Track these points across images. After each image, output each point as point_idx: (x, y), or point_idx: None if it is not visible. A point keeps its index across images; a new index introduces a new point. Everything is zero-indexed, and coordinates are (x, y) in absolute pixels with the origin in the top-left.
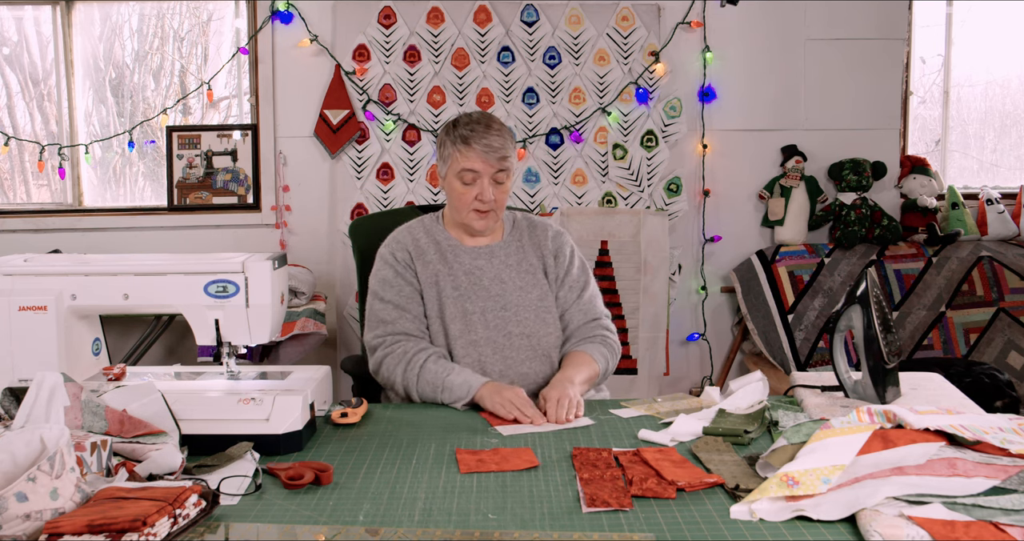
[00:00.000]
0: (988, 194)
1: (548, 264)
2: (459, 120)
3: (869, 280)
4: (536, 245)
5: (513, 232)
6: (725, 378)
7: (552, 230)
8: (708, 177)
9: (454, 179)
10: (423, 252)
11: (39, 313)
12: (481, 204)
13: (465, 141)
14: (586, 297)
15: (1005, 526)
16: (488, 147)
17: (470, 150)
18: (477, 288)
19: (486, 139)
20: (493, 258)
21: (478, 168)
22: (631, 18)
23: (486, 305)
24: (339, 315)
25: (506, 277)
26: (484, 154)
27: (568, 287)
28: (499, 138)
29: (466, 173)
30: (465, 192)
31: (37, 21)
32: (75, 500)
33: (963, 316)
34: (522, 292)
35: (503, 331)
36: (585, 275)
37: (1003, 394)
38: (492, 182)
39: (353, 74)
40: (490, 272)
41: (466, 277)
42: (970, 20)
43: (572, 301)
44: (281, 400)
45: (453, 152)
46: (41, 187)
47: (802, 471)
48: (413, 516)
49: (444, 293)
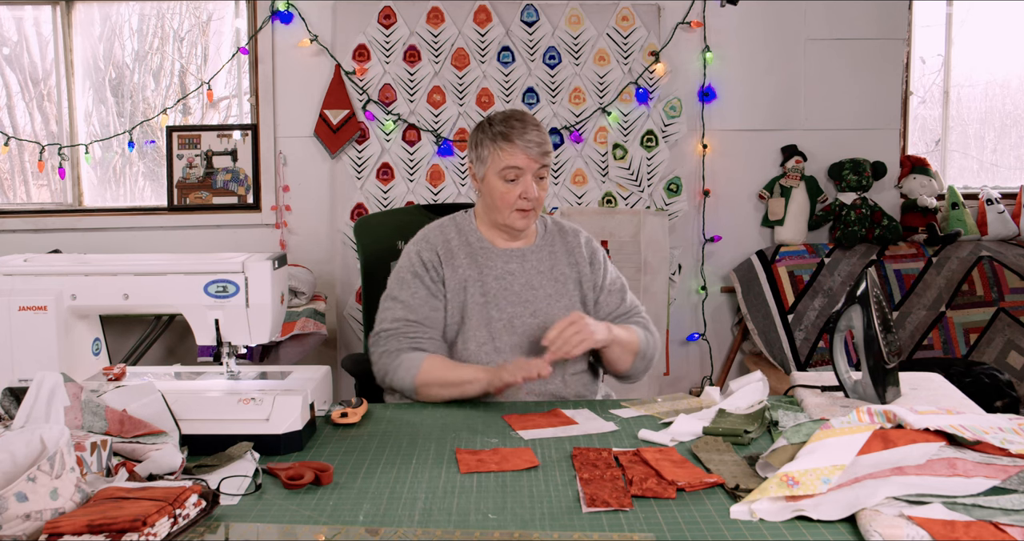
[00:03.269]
0: (988, 194)
1: (583, 272)
2: (493, 118)
3: (869, 280)
4: (568, 251)
5: (546, 236)
6: (725, 378)
7: (583, 236)
8: (708, 177)
9: (495, 178)
10: (453, 255)
11: (39, 313)
12: (525, 202)
13: (506, 138)
14: (628, 301)
15: (1005, 526)
16: (530, 142)
17: (512, 146)
18: (508, 293)
19: (527, 134)
20: (525, 262)
21: (522, 164)
22: (631, 18)
23: (515, 311)
24: (339, 315)
25: (537, 283)
26: (527, 149)
27: (608, 291)
28: (538, 133)
29: (509, 170)
30: (509, 191)
31: (37, 21)
32: (75, 500)
33: (963, 316)
34: (551, 300)
35: (529, 338)
36: (620, 279)
37: (1003, 394)
38: (535, 178)
39: (353, 74)
40: (521, 277)
41: (496, 282)
42: (970, 20)
43: (615, 306)
44: (281, 400)
45: (494, 150)
46: (41, 187)
47: (802, 471)
48: (413, 516)
49: (472, 299)
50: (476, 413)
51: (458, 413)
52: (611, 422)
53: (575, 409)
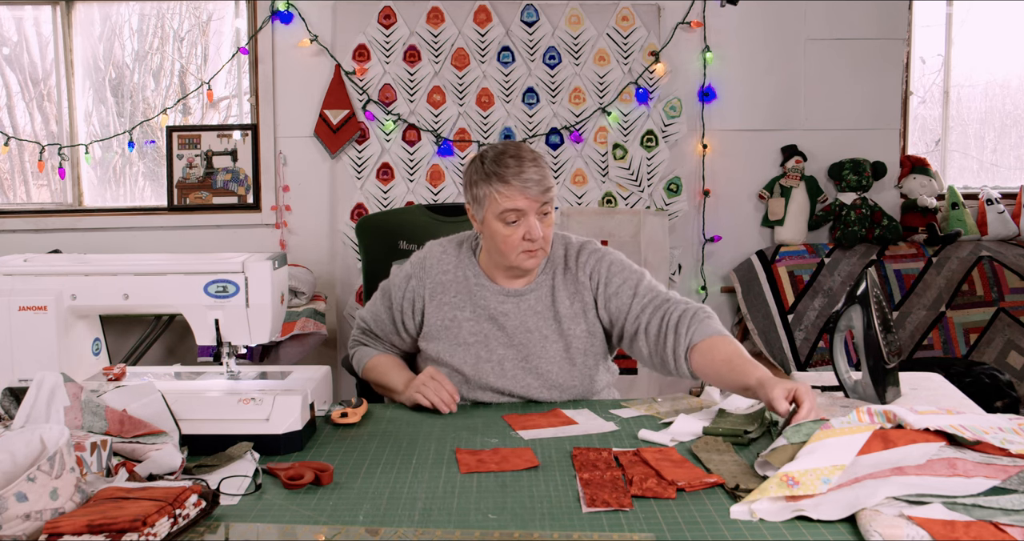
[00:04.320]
0: (988, 194)
1: (598, 297)
2: (485, 155)
3: (869, 280)
4: (573, 281)
5: (546, 269)
6: None
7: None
8: (708, 177)
9: (495, 221)
10: (443, 290)
11: (39, 313)
12: (531, 244)
13: (501, 179)
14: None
15: (1005, 526)
16: (528, 181)
17: (509, 188)
18: (500, 335)
19: (524, 173)
20: (522, 302)
21: (522, 206)
22: (631, 18)
23: (506, 354)
24: (339, 315)
25: (532, 325)
26: (525, 190)
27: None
28: (536, 168)
29: (509, 213)
30: (511, 233)
31: (37, 21)
32: (75, 500)
33: (963, 316)
34: (546, 342)
35: (521, 383)
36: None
37: (1003, 394)
38: (538, 216)
39: (353, 74)
40: (515, 318)
41: (489, 323)
42: (970, 20)
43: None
44: (281, 400)
45: (490, 192)
46: (41, 187)
47: (802, 471)
48: (413, 516)
49: (460, 337)
50: (476, 413)
51: (458, 413)
52: (611, 422)
53: (575, 409)
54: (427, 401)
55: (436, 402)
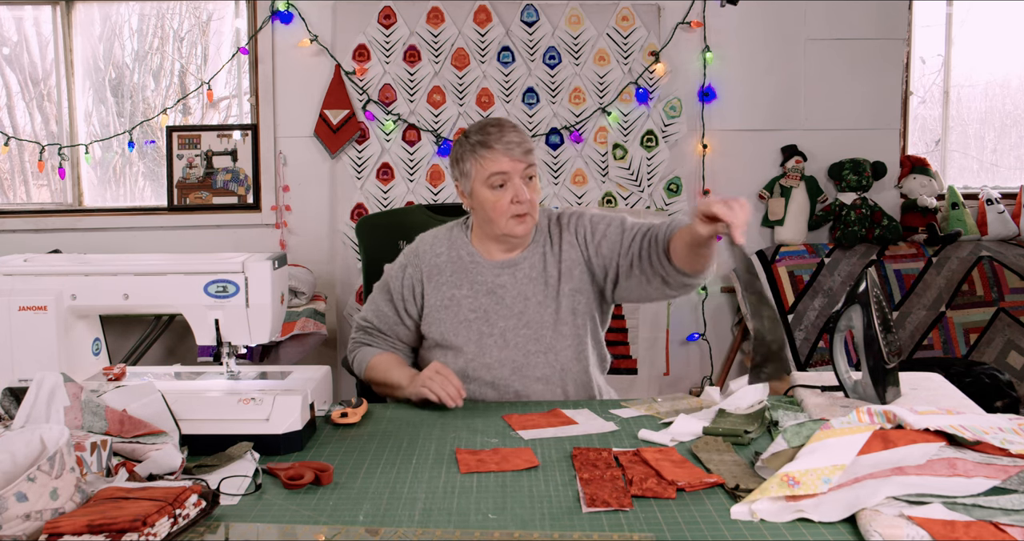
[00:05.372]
0: (988, 194)
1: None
2: (469, 130)
3: (869, 280)
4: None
5: (536, 239)
6: (725, 378)
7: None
8: (708, 177)
9: (483, 188)
10: (440, 272)
11: (39, 313)
12: (519, 206)
13: (485, 145)
14: (628, 225)
15: (1005, 526)
16: (510, 143)
17: (493, 152)
18: (499, 307)
19: (505, 137)
20: (517, 272)
21: (507, 168)
22: (631, 18)
23: (507, 325)
24: (339, 315)
25: (529, 292)
26: (509, 151)
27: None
28: (517, 134)
29: (495, 177)
30: (499, 199)
31: (37, 21)
32: (75, 500)
33: (963, 316)
34: (542, 307)
35: (523, 350)
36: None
37: (1003, 394)
38: (524, 180)
39: (353, 74)
40: (513, 289)
41: (487, 297)
42: (970, 20)
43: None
44: (281, 400)
45: (475, 160)
46: (41, 187)
47: (803, 471)
48: (413, 516)
49: (460, 315)
50: (476, 413)
51: (458, 413)
52: (611, 422)
53: (575, 409)
54: (433, 395)
55: (443, 396)
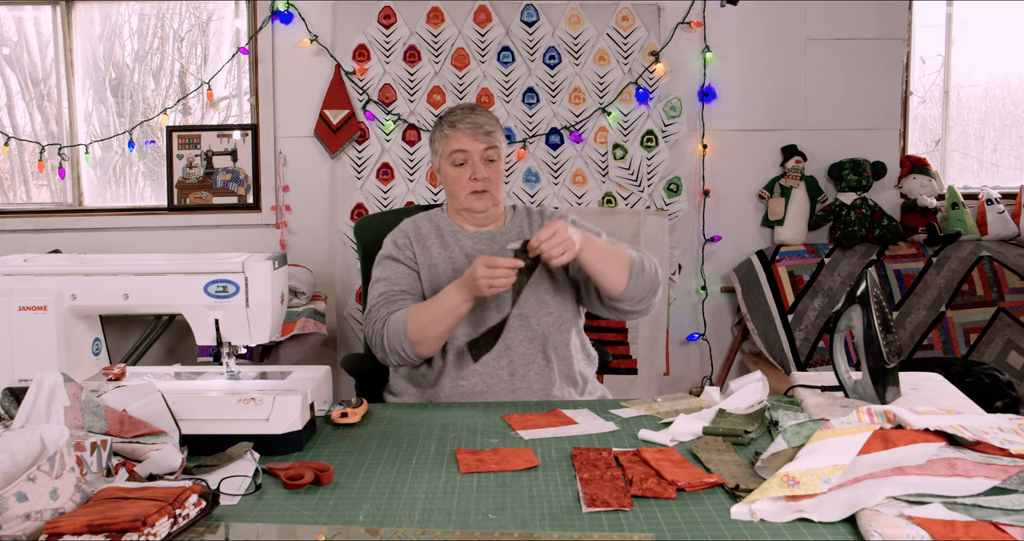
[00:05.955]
0: (988, 194)
1: None
2: (444, 113)
3: (869, 280)
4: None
5: (514, 218)
6: (725, 378)
7: (548, 211)
8: (708, 177)
9: (446, 165)
10: (423, 237)
11: (39, 313)
12: (476, 183)
13: (451, 125)
14: None
15: (1005, 526)
16: (473, 124)
17: (456, 131)
18: None
19: (471, 118)
20: (494, 243)
21: (467, 147)
22: (631, 18)
23: None
24: (339, 315)
25: None
26: (471, 131)
27: None
28: (484, 117)
29: (457, 154)
30: (459, 175)
31: (37, 21)
32: (75, 500)
33: (963, 316)
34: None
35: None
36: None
37: (1003, 394)
38: (483, 160)
39: (353, 74)
40: None
41: (466, 260)
42: (970, 20)
43: None
44: (281, 400)
45: (441, 139)
46: (41, 187)
47: (803, 471)
48: (413, 516)
49: (444, 274)
50: (476, 413)
51: (458, 413)
52: (611, 422)
53: (575, 409)
54: (498, 290)
55: (507, 285)
